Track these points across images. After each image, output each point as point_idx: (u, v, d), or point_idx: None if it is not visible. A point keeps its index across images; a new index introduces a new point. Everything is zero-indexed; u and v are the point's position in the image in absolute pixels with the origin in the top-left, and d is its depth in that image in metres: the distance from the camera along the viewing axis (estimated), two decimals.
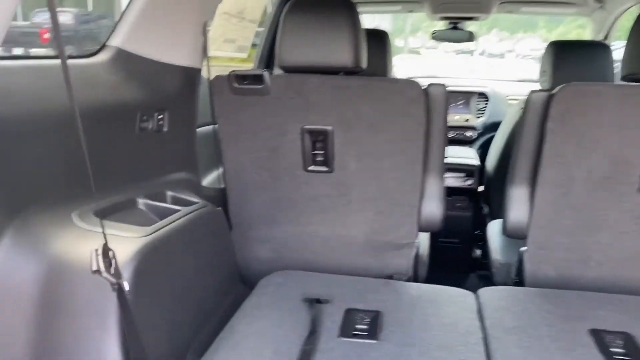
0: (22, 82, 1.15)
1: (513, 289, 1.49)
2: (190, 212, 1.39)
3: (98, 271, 0.92)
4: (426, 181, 1.62)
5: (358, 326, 1.27)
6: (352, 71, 1.56)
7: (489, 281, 1.98)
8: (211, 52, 1.88)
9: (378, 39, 2.25)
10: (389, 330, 1.27)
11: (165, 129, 1.55)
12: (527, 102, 1.50)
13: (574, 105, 1.41)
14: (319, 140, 1.59)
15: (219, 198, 1.74)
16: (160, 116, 1.52)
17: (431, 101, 1.55)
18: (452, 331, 1.28)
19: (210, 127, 1.83)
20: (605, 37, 3.00)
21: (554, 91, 1.45)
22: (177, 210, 1.36)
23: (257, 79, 1.55)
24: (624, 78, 1.48)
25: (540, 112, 1.47)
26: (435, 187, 1.63)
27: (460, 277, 2.82)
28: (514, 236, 1.60)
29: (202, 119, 1.80)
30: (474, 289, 1.51)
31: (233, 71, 1.56)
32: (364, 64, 1.57)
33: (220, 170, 1.73)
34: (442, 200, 1.65)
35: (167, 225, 1.26)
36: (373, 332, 1.25)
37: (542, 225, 1.53)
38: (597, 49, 2.17)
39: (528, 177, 1.55)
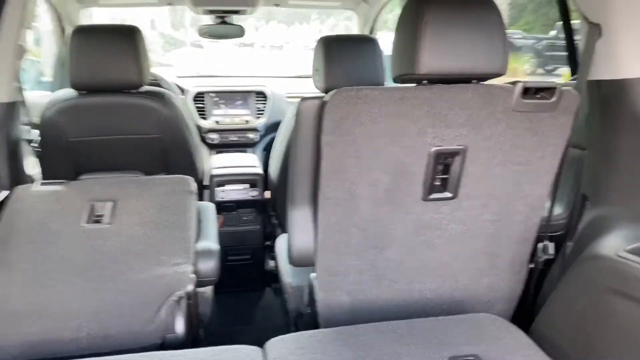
0: None
1: (305, 336, 1.27)
2: None
3: None
4: None
5: None
6: None
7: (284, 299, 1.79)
8: None
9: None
10: None
11: None
12: (298, 113, 1.27)
13: (348, 113, 1.22)
14: None
15: None
16: None
17: None
18: None
19: None
20: (371, 31, 3.03)
21: (325, 98, 1.25)
22: None
23: None
24: (395, 79, 1.34)
25: (313, 124, 1.25)
26: None
27: (255, 295, 2.61)
28: (302, 264, 1.39)
29: None
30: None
31: None
32: None
33: None
34: None
35: None
36: None
37: (330, 249, 1.34)
38: (365, 43, 2.09)
39: (309, 197, 1.34)
